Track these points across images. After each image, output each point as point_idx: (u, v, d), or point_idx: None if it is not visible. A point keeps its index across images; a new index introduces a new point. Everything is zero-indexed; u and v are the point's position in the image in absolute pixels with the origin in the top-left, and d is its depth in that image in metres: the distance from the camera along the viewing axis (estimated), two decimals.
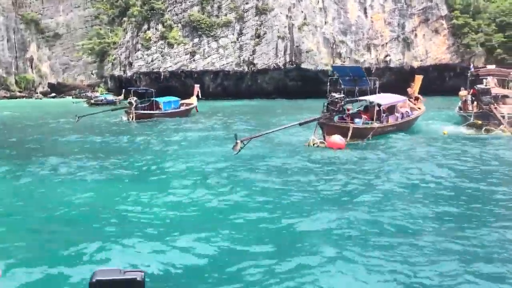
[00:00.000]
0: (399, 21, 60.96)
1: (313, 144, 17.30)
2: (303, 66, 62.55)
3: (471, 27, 59.15)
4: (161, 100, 32.47)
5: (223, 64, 64.32)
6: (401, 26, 61.06)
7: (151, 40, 66.15)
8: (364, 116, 19.79)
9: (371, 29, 61.70)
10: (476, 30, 59.49)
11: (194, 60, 64.55)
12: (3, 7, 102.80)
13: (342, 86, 21.05)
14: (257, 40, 63.98)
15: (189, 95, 39.47)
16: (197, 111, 34.69)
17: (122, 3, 75.47)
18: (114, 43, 74.69)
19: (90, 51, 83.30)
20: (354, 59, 62.45)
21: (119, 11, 77.32)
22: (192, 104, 34.81)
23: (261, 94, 64.58)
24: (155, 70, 65.29)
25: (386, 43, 61.48)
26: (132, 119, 28.52)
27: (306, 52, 62.35)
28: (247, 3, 64.57)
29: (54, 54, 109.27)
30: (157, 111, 30.95)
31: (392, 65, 61.59)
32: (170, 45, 65.07)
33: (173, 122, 27.50)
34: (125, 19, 74.87)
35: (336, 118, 19.04)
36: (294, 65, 63.16)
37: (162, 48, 65.60)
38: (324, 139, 17.62)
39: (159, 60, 65.45)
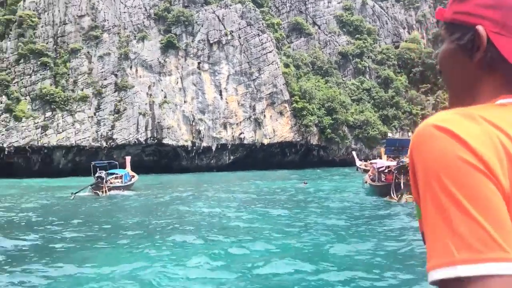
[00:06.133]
0: (250, 103, 68.35)
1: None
2: (165, 141, 64.07)
3: (308, 110, 69.85)
4: (119, 172, 33.25)
5: (80, 139, 61.48)
6: (253, 108, 68.40)
7: None
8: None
9: (227, 109, 67.55)
10: (311, 113, 70.39)
11: (46, 135, 60.14)
12: None
13: None
14: (116, 115, 63.50)
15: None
16: None
17: None
18: None
19: None
20: (212, 136, 66.85)
21: None
22: (135, 176, 35.05)
23: None
24: None
25: (240, 122, 67.76)
26: (105, 193, 27.59)
27: (167, 128, 64.32)
28: (105, 79, 64.33)
29: None
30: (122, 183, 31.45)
31: (245, 142, 67.74)
32: (18, 119, 59.65)
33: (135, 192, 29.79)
34: None
35: None
36: (156, 141, 64.21)
37: (7, 122, 59.61)
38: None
39: (3, 135, 59.01)
